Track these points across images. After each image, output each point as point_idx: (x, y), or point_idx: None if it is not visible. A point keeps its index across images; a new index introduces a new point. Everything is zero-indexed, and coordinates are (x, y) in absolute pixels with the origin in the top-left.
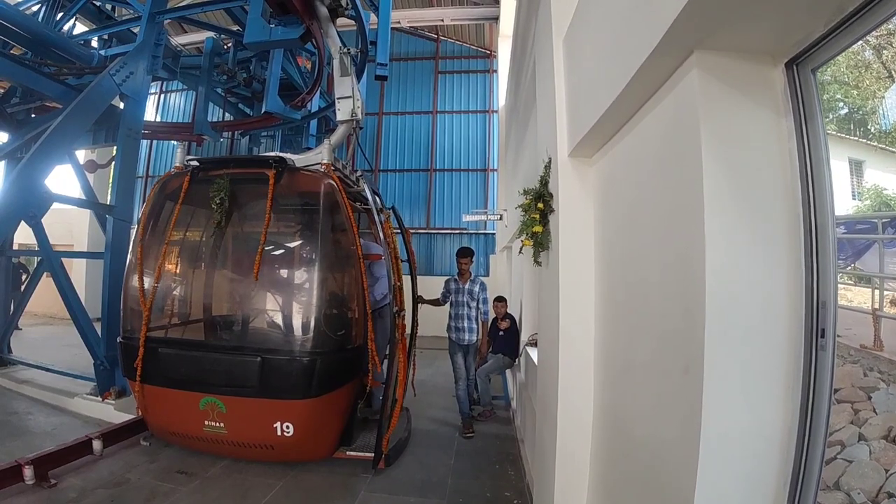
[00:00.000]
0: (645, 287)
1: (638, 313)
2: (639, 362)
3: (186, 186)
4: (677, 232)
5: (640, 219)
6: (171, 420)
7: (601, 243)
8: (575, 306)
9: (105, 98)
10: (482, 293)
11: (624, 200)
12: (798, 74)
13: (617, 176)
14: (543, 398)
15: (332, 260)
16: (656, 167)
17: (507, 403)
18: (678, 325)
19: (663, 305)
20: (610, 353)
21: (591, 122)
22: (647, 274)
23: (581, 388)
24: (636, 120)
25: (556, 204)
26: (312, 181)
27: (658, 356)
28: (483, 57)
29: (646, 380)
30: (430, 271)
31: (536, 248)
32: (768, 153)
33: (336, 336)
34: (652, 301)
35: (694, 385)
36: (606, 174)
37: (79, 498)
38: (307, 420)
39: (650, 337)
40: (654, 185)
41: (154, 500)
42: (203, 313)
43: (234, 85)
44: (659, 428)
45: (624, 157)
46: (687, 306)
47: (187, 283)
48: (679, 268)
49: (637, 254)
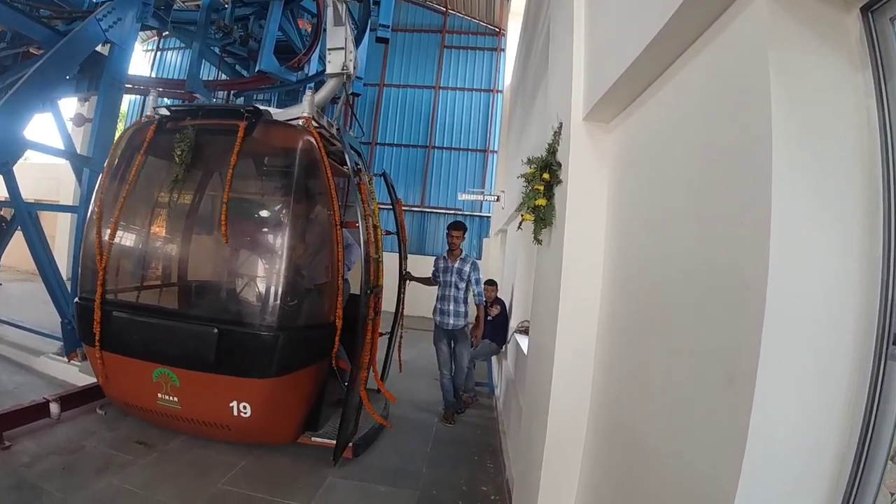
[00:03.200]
0: (672, 278)
1: (659, 308)
2: (656, 364)
3: (151, 137)
4: (726, 214)
5: (670, 196)
6: (125, 390)
7: (615, 222)
8: (577, 293)
9: (89, 43)
10: (474, 273)
11: (648, 173)
12: (875, 22)
13: (640, 143)
14: (532, 392)
15: (305, 226)
16: (696, 132)
17: (490, 391)
18: (719, 325)
19: (698, 302)
20: (617, 350)
21: (615, 77)
22: (677, 263)
23: (577, 386)
24: (671, 73)
25: (564, 174)
26: (289, 136)
27: (686, 360)
28: (491, 34)
29: (666, 385)
30: (421, 250)
31: (538, 224)
32: (843, 114)
33: (304, 311)
34: (681, 296)
35: (740, 397)
36: (627, 141)
37: (31, 463)
38: (266, 401)
39: (676, 337)
40: (692, 156)
41: (107, 472)
42: (160, 276)
43: (230, 42)
44: (683, 441)
45: (651, 121)
46: (734, 304)
47: (146, 242)
48: (726, 258)
49: (663, 237)
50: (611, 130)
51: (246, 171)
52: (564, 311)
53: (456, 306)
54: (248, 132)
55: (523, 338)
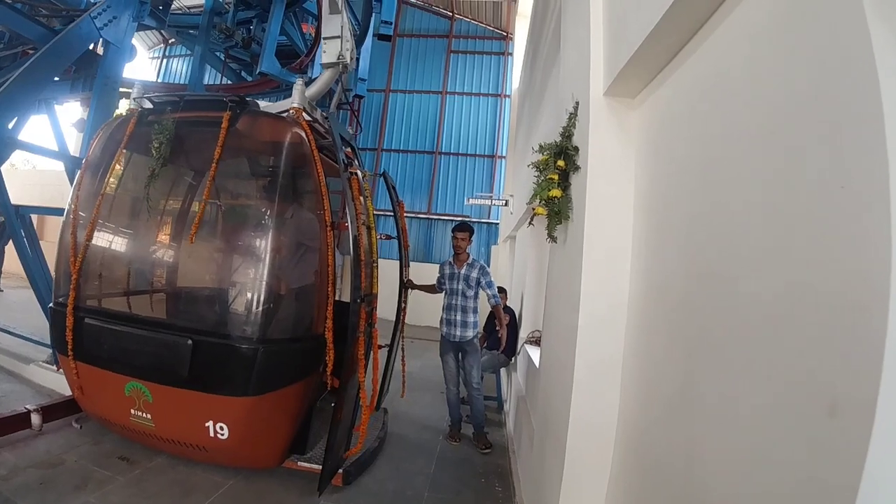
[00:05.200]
0: (731, 284)
1: (715, 320)
2: (711, 388)
3: (131, 130)
4: (815, 198)
5: (723, 182)
6: (98, 404)
7: (646, 215)
8: (601, 299)
9: (83, 42)
10: (483, 277)
11: (688, 154)
12: None
13: (676, 118)
14: (546, 411)
15: (291, 227)
16: (757, 97)
17: (499, 406)
18: (811, 341)
19: (776, 312)
20: (652, 368)
21: (642, 37)
22: (741, 266)
23: (601, 407)
24: (715, 22)
25: (582, 160)
26: (276, 128)
27: (758, 384)
28: (499, 38)
29: (726, 414)
30: (428, 258)
31: (552, 219)
32: None
33: (289, 321)
34: (750, 306)
35: (848, 434)
36: (657, 117)
37: (8, 476)
38: (245, 422)
39: (740, 356)
40: (753, 129)
41: (85, 489)
42: (134, 280)
43: (232, 45)
44: (754, 484)
45: (690, 88)
46: (838, 312)
47: (121, 243)
48: (821, 256)
49: (718, 234)
50: (636, 106)
51: (228, 167)
52: (585, 320)
53: (464, 316)
54: (231, 124)
55: (534, 349)
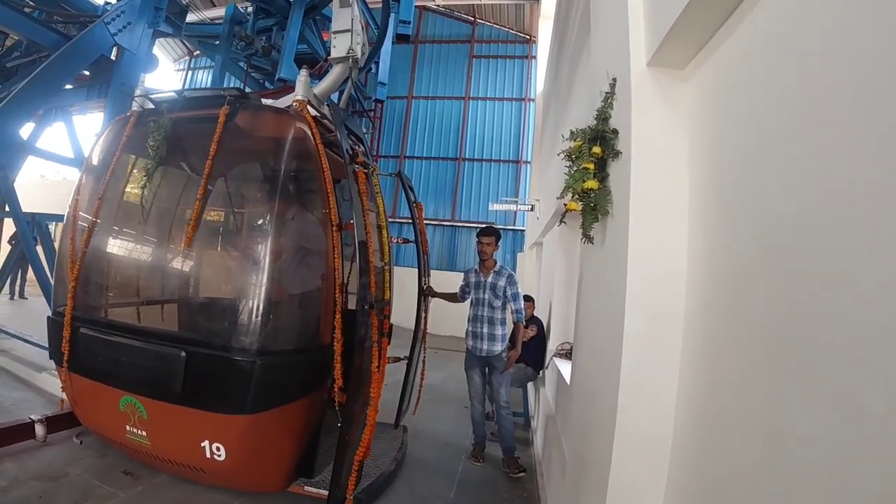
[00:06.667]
0: (845, 288)
1: (819, 336)
2: (820, 427)
3: (129, 131)
4: None
5: (818, 164)
6: (93, 418)
7: (708, 208)
8: (650, 311)
9: (96, 47)
10: (510, 287)
11: (763, 131)
12: None
13: (741, 89)
14: (581, 442)
15: (294, 229)
16: (857, 53)
17: (525, 422)
18: None
19: None
20: (725, 397)
21: None
22: (858, 264)
23: (652, 446)
24: None
25: (623, 144)
26: (278, 123)
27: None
28: (522, 42)
29: (844, 458)
30: (451, 266)
31: (587, 216)
32: None
33: (291, 331)
34: (870, 317)
35: None
36: (715, 89)
37: (8, 487)
38: (243, 443)
39: (860, 386)
40: (852, 96)
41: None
42: (128, 287)
43: (253, 53)
44: None
45: (763, 50)
46: None
47: (117, 249)
48: None
49: (817, 225)
50: (687, 77)
51: (226, 165)
52: (632, 334)
53: (491, 328)
54: (230, 119)
55: (564, 363)
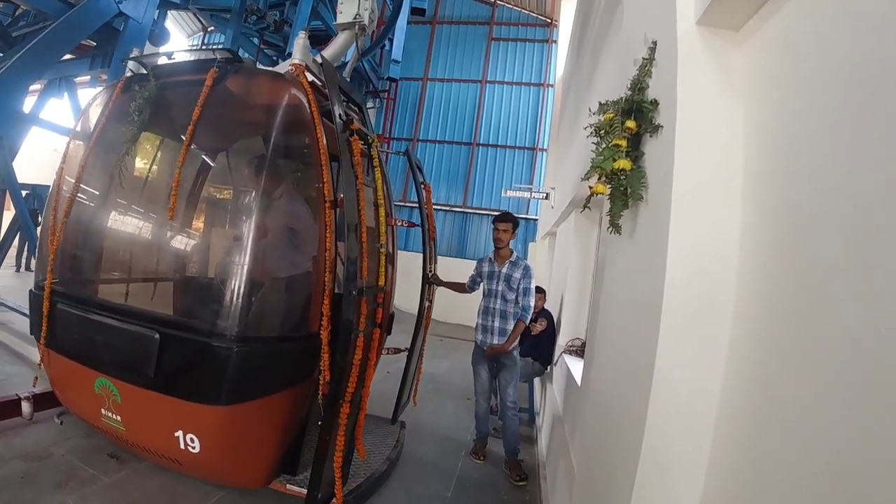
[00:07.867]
0: None
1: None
2: None
3: (116, 97)
4: None
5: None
6: (71, 398)
7: (771, 196)
8: (694, 316)
9: (100, 15)
10: (524, 281)
11: (839, 102)
12: None
13: (809, 54)
14: (594, 455)
15: (283, 204)
16: None
17: (530, 418)
18: None
19: None
20: (787, 422)
21: None
22: None
23: (685, 466)
24: None
25: (665, 117)
26: (271, 88)
27: None
28: (542, 25)
29: None
30: (462, 253)
31: (616, 202)
32: None
33: (276, 316)
34: None
35: None
36: (782, 55)
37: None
38: (218, 435)
39: None
40: None
41: (66, 487)
42: (106, 261)
43: (264, 27)
44: None
45: (834, 7)
46: None
47: (95, 220)
48: None
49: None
50: (742, 41)
51: (212, 133)
52: (669, 340)
53: (503, 323)
54: (217, 82)
55: (574, 361)
